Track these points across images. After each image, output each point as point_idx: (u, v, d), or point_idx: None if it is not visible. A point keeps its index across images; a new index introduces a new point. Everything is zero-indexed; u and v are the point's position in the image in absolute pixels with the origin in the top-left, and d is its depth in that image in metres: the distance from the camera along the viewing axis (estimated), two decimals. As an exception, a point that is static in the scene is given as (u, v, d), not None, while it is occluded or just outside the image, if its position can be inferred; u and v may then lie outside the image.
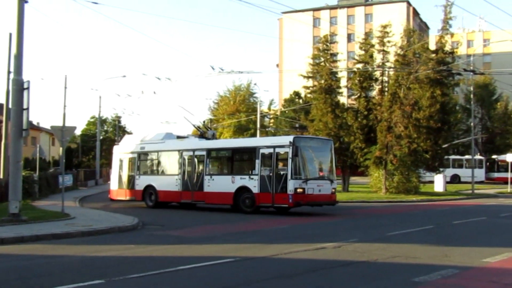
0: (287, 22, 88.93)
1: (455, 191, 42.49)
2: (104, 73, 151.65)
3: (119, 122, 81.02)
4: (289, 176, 21.41)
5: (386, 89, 40.99)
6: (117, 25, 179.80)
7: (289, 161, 21.53)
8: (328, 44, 45.43)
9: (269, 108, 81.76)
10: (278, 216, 21.89)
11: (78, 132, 79.48)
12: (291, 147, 21.55)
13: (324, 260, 11.14)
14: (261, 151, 22.75)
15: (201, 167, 25.50)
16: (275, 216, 21.90)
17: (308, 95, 56.25)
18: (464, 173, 55.92)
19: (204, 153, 25.35)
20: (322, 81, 44.09)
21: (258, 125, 53.76)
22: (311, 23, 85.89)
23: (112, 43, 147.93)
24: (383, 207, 27.76)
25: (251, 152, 23.57)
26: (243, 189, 23.04)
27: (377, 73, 42.77)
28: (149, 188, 27.28)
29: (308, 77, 53.04)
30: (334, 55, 48.23)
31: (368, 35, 49.97)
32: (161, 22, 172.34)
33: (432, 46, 43.90)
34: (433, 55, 40.12)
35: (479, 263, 10.67)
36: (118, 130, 78.88)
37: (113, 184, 29.39)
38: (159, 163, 28.11)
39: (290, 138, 22.47)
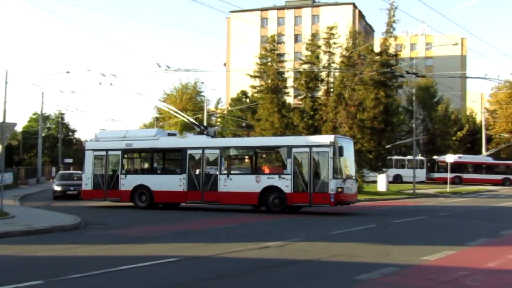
0: (235, 21, 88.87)
1: (397, 191, 43.36)
2: (47, 69, 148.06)
3: (62, 119, 79.31)
4: (330, 176, 21.49)
5: (332, 90, 41.58)
6: (61, 21, 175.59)
7: (330, 161, 21.54)
8: (275, 44, 45.76)
9: (216, 107, 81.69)
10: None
11: (19, 128, 77.16)
12: (332, 147, 21.62)
13: (268, 259, 11.19)
14: (294, 150, 22.45)
15: (213, 166, 24.20)
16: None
17: (255, 95, 56.55)
18: (406, 173, 57.13)
19: (217, 151, 23.98)
20: (269, 81, 44.40)
21: (205, 124, 53.59)
22: (258, 23, 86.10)
23: (57, 39, 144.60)
24: (325, 209, 28.06)
25: (280, 150, 23.45)
26: (270, 189, 22.67)
27: (323, 74, 43.31)
28: (140, 188, 25.32)
29: (255, 77, 53.27)
30: (281, 55, 48.64)
31: (314, 36, 50.62)
32: (107, 19, 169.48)
33: (377, 49, 44.77)
34: (378, 57, 40.88)
35: (418, 261, 10.93)
36: (61, 127, 77.21)
37: (87, 184, 26.72)
38: (153, 161, 26.27)
39: (330, 138, 22.42)
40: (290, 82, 47.35)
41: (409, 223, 19.57)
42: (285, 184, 22.33)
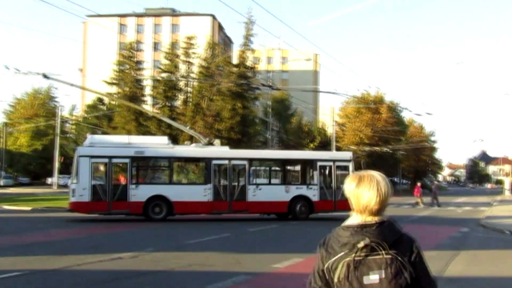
0: (92, 26, 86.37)
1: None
2: None
3: None
4: None
5: (190, 99, 41.78)
6: None
7: (351, 173, 24.31)
8: (133, 51, 45.20)
9: (70, 114, 78.81)
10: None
11: None
12: (351, 162, 25.60)
13: (121, 271, 10.94)
14: (319, 163, 25.53)
15: (241, 176, 24.98)
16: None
17: (112, 102, 55.33)
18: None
19: (244, 162, 24.86)
20: (126, 89, 43.69)
21: (58, 131, 51.56)
22: (116, 29, 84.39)
23: None
24: (184, 216, 28.07)
25: (307, 164, 26.17)
26: (298, 198, 25.02)
27: (182, 83, 43.42)
28: (155, 199, 23.39)
29: (112, 84, 52.10)
30: (139, 63, 48.15)
31: (173, 45, 50.61)
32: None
33: (235, 60, 45.70)
34: (235, 69, 41.80)
35: (269, 268, 11.27)
36: None
37: (82, 195, 22.72)
38: (172, 171, 24.84)
39: (349, 154, 27.04)
40: (148, 91, 46.92)
41: (262, 232, 20.08)
42: (312, 193, 25.16)
